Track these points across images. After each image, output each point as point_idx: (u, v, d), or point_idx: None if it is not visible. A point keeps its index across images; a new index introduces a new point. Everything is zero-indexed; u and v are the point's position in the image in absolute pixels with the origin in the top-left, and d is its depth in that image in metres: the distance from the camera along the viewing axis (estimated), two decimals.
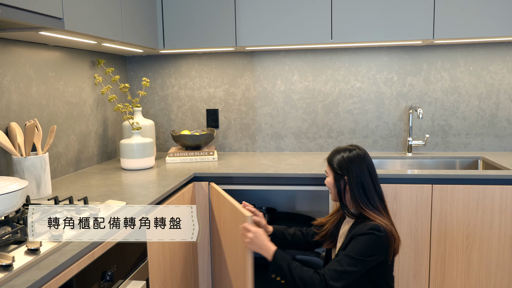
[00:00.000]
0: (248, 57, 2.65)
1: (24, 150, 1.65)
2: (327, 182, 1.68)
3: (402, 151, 2.60)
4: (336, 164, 1.64)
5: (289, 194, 2.65)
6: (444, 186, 1.95)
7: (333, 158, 1.66)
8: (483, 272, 1.98)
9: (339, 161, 1.64)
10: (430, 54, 2.51)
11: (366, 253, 1.48)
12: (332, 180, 1.65)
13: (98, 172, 2.18)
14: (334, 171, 1.64)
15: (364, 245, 1.49)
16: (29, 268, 1.02)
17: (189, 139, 2.42)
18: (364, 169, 1.61)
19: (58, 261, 1.07)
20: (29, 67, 1.84)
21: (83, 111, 2.25)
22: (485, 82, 2.48)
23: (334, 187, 1.64)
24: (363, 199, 1.58)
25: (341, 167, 1.62)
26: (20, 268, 0.99)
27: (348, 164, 1.62)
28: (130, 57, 2.76)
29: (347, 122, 2.63)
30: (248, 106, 2.69)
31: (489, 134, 2.52)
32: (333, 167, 1.64)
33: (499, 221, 1.94)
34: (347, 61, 2.58)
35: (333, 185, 1.65)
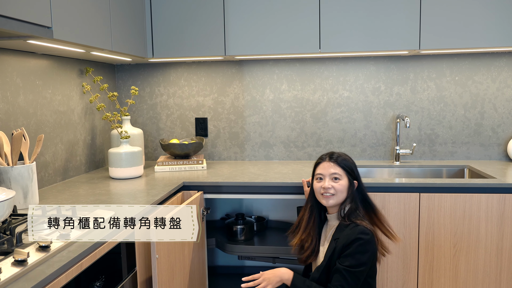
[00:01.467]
0: (237, 66, 2.66)
1: (11, 159, 1.63)
2: (339, 185, 1.62)
3: (389, 159, 2.63)
4: (348, 167, 1.63)
5: (279, 203, 2.66)
6: (432, 194, 1.98)
7: (343, 161, 1.64)
8: (470, 279, 2.00)
9: (350, 165, 1.64)
10: (417, 64, 2.55)
11: (363, 260, 1.52)
12: (346, 183, 1.63)
13: (86, 181, 2.16)
14: (348, 174, 1.63)
15: (359, 254, 1.52)
16: (16, 279, 1.01)
17: (178, 148, 2.41)
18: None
19: (45, 272, 1.05)
20: (16, 76, 1.82)
21: (71, 120, 2.23)
22: (470, 92, 2.53)
23: (348, 190, 1.62)
24: (364, 203, 1.66)
25: (353, 171, 1.65)
26: (6, 280, 0.98)
27: (355, 168, 1.66)
28: (118, 66, 2.75)
29: (336, 131, 2.65)
30: (237, 114, 2.70)
31: (475, 143, 2.56)
32: (347, 170, 1.63)
33: (485, 229, 1.96)
34: (335, 70, 2.61)
35: (347, 188, 1.63)
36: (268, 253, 2.32)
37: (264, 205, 2.68)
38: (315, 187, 1.69)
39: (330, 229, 1.69)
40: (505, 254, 1.96)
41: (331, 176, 1.64)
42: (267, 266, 2.68)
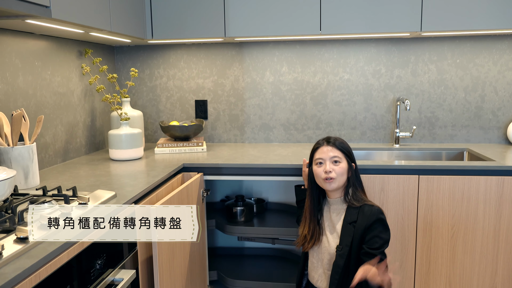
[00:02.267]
0: (237, 48, 2.65)
1: (11, 140, 1.63)
2: (339, 168, 1.64)
3: (389, 142, 2.63)
4: (346, 150, 1.67)
5: (278, 185, 2.67)
6: (431, 176, 1.98)
7: (340, 144, 1.67)
8: (467, 260, 2.02)
9: (347, 148, 1.69)
10: (418, 47, 2.53)
11: (388, 237, 1.60)
12: (346, 165, 1.66)
13: (87, 162, 2.17)
14: (347, 157, 1.66)
15: (383, 233, 1.58)
16: (18, 256, 1.02)
17: (178, 130, 2.41)
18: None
19: (47, 249, 1.06)
20: (15, 56, 1.81)
21: (71, 101, 2.23)
22: (471, 75, 2.52)
23: (348, 172, 1.66)
24: (361, 185, 1.70)
25: (350, 153, 1.69)
26: (9, 257, 0.99)
27: (351, 151, 1.70)
28: (118, 47, 2.73)
29: (336, 114, 2.65)
30: (237, 97, 2.69)
31: (475, 126, 2.56)
32: (345, 153, 1.67)
33: (483, 211, 1.98)
34: (336, 52, 2.59)
35: (347, 170, 1.65)
36: (268, 234, 2.35)
37: (263, 187, 2.69)
38: (315, 172, 1.68)
39: (337, 213, 1.68)
40: (502, 236, 1.98)
41: (331, 160, 1.65)
42: (267, 248, 2.72)
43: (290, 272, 2.45)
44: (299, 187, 1.96)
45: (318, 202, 1.74)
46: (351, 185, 1.67)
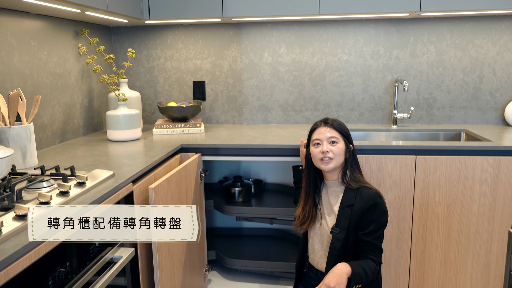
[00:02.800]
0: (235, 28, 2.63)
1: (8, 120, 1.63)
2: (337, 148, 1.64)
3: (387, 123, 2.64)
4: (344, 131, 1.67)
5: (276, 166, 2.68)
6: (428, 157, 1.99)
7: (338, 125, 1.68)
8: (462, 239, 2.05)
9: (345, 129, 1.69)
10: (417, 27, 2.51)
11: (384, 221, 1.61)
12: (343, 146, 1.65)
13: (85, 143, 2.17)
14: (344, 138, 1.66)
15: (380, 217, 1.60)
16: (18, 233, 1.03)
17: (175, 110, 2.41)
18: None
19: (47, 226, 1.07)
20: (10, 36, 1.80)
21: (68, 82, 2.22)
22: (470, 56, 2.51)
23: (345, 153, 1.66)
24: (358, 166, 1.70)
25: (348, 134, 1.69)
26: (9, 233, 1.00)
27: (349, 133, 1.70)
28: (114, 28, 2.71)
29: (334, 95, 2.64)
30: (235, 78, 2.68)
31: (472, 107, 2.56)
32: (343, 134, 1.67)
33: (479, 190, 1.99)
34: (334, 33, 2.57)
35: (344, 151, 1.66)
36: (266, 214, 2.36)
37: (261, 168, 2.70)
38: (312, 153, 1.68)
39: (335, 196, 1.68)
40: (497, 215, 2.00)
41: (328, 140, 1.64)
42: (265, 228, 2.74)
43: (288, 252, 2.47)
44: (297, 168, 1.97)
45: (315, 184, 1.74)
46: (348, 167, 1.67)
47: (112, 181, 1.45)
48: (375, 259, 1.59)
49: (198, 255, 2.08)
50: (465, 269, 2.07)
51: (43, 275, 1.07)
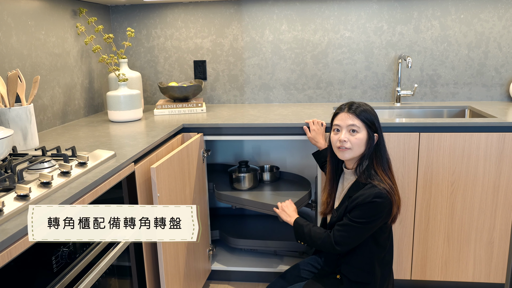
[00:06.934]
0: (235, 6, 2.58)
1: (8, 101, 1.62)
2: (356, 139, 1.51)
3: (390, 101, 2.61)
4: (368, 120, 1.52)
5: (280, 146, 2.67)
6: (431, 134, 1.97)
7: (362, 112, 1.52)
8: (466, 216, 2.04)
9: (370, 117, 1.53)
10: (421, 2, 2.46)
11: (370, 219, 1.48)
12: (364, 136, 1.52)
13: (86, 124, 2.16)
14: (367, 127, 1.52)
15: (368, 213, 1.48)
16: (19, 213, 1.02)
17: (177, 90, 2.39)
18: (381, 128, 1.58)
19: None
20: (7, 15, 1.77)
21: (67, 63, 2.19)
22: (475, 31, 2.46)
23: (366, 144, 1.53)
24: (380, 161, 1.55)
25: (373, 123, 1.53)
26: (10, 213, 1.00)
27: (376, 121, 1.55)
28: (113, 7, 2.66)
29: (336, 73, 2.61)
30: (236, 57, 2.65)
31: (477, 83, 2.53)
32: (366, 123, 1.52)
33: (483, 167, 1.98)
34: (337, 9, 2.53)
35: (365, 142, 1.52)
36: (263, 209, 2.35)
37: (264, 150, 2.68)
38: (332, 139, 1.59)
39: (347, 184, 1.61)
40: (501, 192, 1.99)
41: (348, 128, 1.53)
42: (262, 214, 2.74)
43: (291, 231, 2.47)
44: (315, 154, 1.95)
45: (336, 169, 1.67)
46: (366, 158, 1.54)
47: (113, 161, 1.44)
48: (331, 237, 1.53)
49: (202, 235, 2.08)
50: (468, 246, 2.07)
51: (47, 254, 1.07)
